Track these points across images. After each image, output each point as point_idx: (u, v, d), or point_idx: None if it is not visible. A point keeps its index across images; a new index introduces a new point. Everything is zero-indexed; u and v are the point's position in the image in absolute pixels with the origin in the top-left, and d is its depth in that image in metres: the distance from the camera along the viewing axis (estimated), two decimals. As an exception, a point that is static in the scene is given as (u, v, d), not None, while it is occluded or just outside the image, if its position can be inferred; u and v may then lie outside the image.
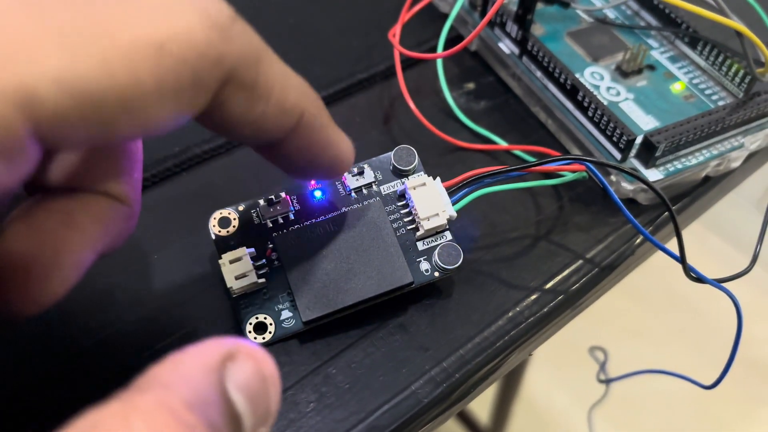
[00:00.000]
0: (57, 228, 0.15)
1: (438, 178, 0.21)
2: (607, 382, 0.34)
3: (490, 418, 0.84)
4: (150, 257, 0.21)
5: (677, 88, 0.26)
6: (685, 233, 0.21)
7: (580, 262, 0.22)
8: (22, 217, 0.14)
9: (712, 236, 1.01)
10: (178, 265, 0.21)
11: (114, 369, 0.19)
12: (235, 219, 0.20)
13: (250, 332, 0.19)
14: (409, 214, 0.21)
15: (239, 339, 0.13)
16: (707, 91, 0.26)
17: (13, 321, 0.14)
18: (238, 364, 0.13)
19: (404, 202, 0.21)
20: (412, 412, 0.19)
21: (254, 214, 0.20)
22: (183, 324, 0.20)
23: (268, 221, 0.20)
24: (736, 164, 0.25)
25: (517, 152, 0.25)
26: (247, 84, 0.14)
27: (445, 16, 0.27)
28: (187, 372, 0.12)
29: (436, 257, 0.20)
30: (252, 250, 0.19)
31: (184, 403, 0.11)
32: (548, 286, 0.21)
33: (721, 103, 0.26)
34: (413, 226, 0.20)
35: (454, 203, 0.21)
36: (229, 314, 0.20)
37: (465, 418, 0.88)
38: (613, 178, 0.23)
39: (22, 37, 0.11)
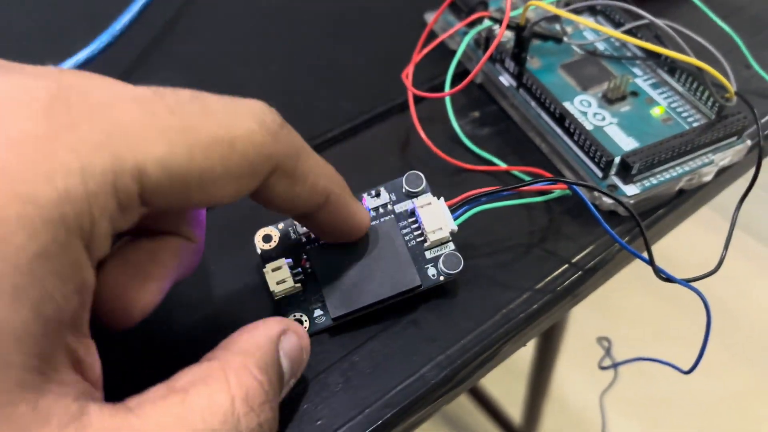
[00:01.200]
0: (144, 262, 0.20)
1: (442, 198, 0.25)
2: (614, 366, 0.37)
3: (522, 417, 0.87)
4: (208, 268, 0.26)
5: (657, 112, 0.30)
6: (712, 230, 0.24)
7: (566, 266, 0.26)
8: (118, 255, 0.19)
9: (741, 234, 1.03)
10: (231, 274, 0.25)
11: (177, 358, 0.23)
12: (276, 235, 0.24)
13: None
14: (418, 228, 0.25)
15: (289, 320, 0.21)
16: (684, 114, 0.30)
17: (112, 330, 0.19)
18: (288, 337, 0.20)
19: (414, 219, 0.25)
20: (421, 391, 0.23)
21: (291, 231, 0.25)
22: (235, 322, 0.24)
23: (303, 237, 0.24)
24: (707, 178, 0.28)
25: (515, 172, 0.29)
26: (289, 172, 0.19)
27: (454, 53, 0.31)
28: (258, 342, 0.19)
29: (441, 264, 0.24)
30: (290, 260, 0.24)
31: (257, 366, 0.18)
32: (538, 286, 0.25)
33: (695, 125, 0.29)
34: (422, 238, 0.25)
35: (455, 219, 0.25)
36: (272, 314, 0.24)
37: (500, 419, 0.91)
38: (595, 193, 0.27)
39: (138, 130, 0.16)
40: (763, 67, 0.33)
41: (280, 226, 0.25)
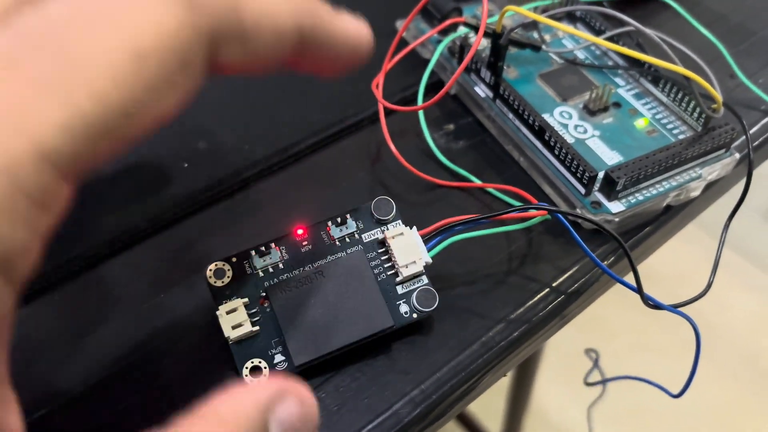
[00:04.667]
0: None
1: (414, 228, 0.23)
2: (602, 383, 0.36)
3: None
4: (151, 304, 0.23)
5: (641, 123, 0.28)
6: (693, 246, 0.23)
7: (547, 290, 0.24)
8: None
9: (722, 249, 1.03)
10: (179, 312, 0.23)
11: (116, 410, 0.21)
12: (229, 270, 0.22)
13: (246, 375, 0.21)
14: (389, 260, 0.23)
15: (292, 381, 0.15)
16: (669, 126, 0.28)
17: None
18: (286, 404, 0.15)
19: (384, 249, 0.23)
20: (393, 431, 0.21)
21: (246, 265, 0.22)
22: (184, 368, 0.22)
23: (260, 271, 0.22)
24: (695, 194, 0.27)
25: (492, 190, 0.27)
26: (234, 34, 0.14)
27: (427, 62, 0.30)
28: (237, 406, 0.14)
29: (414, 300, 0.22)
30: (246, 299, 0.21)
31: (222, 427, 0.14)
32: (517, 313, 0.24)
33: (681, 137, 0.28)
34: (393, 271, 0.23)
35: (429, 250, 0.23)
36: (227, 358, 0.22)
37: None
38: (578, 211, 0.26)
39: (20, 102, 0.12)
40: (749, 77, 0.32)
41: (234, 259, 0.22)
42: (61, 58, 0.12)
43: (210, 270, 0.22)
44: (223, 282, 0.22)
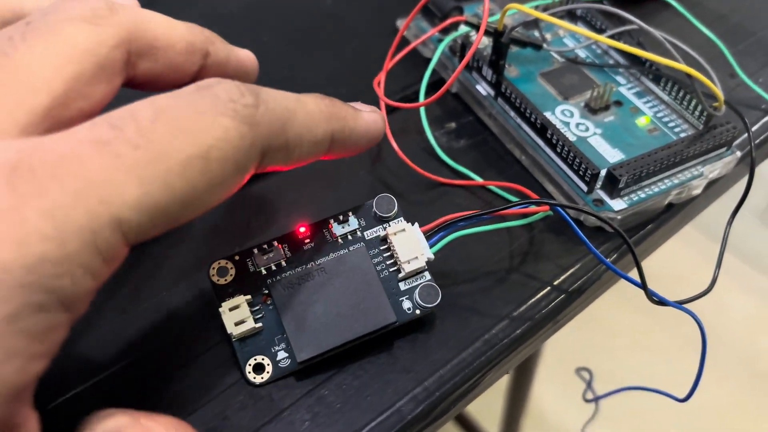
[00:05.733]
0: None
1: (416, 224, 0.23)
2: (595, 400, 0.35)
3: (500, 434, 0.86)
4: (155, 299, 0.23)
5: (642, 122, 0.28)
6: (690, 247, 0.23)
7: (549, 288, 0.24)
8: None
9: (715, 246, 1.03)
10: (181, 310, 0.23)
11: (118, 400, 0.21)
12: (232, 268, 0.22)
13: (249, 373, 0.21)
14: (392, 257, 0.22)
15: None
16: (670, 124, 0.28)
17: None
18: None
19: (386, 246, 0.23)
20: (396, 428, 0.21)
21: (249, 263, 0.22)
22: (186, 366, 0.22)
23: (263, 269, 0.22)
24: (697, 192, 0.27)
25: (493, 188, 0.27)
26: (281, 146, 0.17)
27: (428, 61, 0.30)
28: None
29: (416, 296, 0.22)
30: (249, 296, 0.21)
31: None
32: (520, 311, 0.24)
33: (683, 135, 0.28)
34: (395, 268, 0.22)
35: (431, 246, 0.23)
36: (230, 355, 0.22)
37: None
38: (580, 204, 0.26)
39: (106, 179, 0.14)
40: (749, 76, 0.32)
41: (237, 257, 0.22)
42: (142, 149, 0.15)
43: (213, 268, 0.22)
44: (225, 280, 0.22)
